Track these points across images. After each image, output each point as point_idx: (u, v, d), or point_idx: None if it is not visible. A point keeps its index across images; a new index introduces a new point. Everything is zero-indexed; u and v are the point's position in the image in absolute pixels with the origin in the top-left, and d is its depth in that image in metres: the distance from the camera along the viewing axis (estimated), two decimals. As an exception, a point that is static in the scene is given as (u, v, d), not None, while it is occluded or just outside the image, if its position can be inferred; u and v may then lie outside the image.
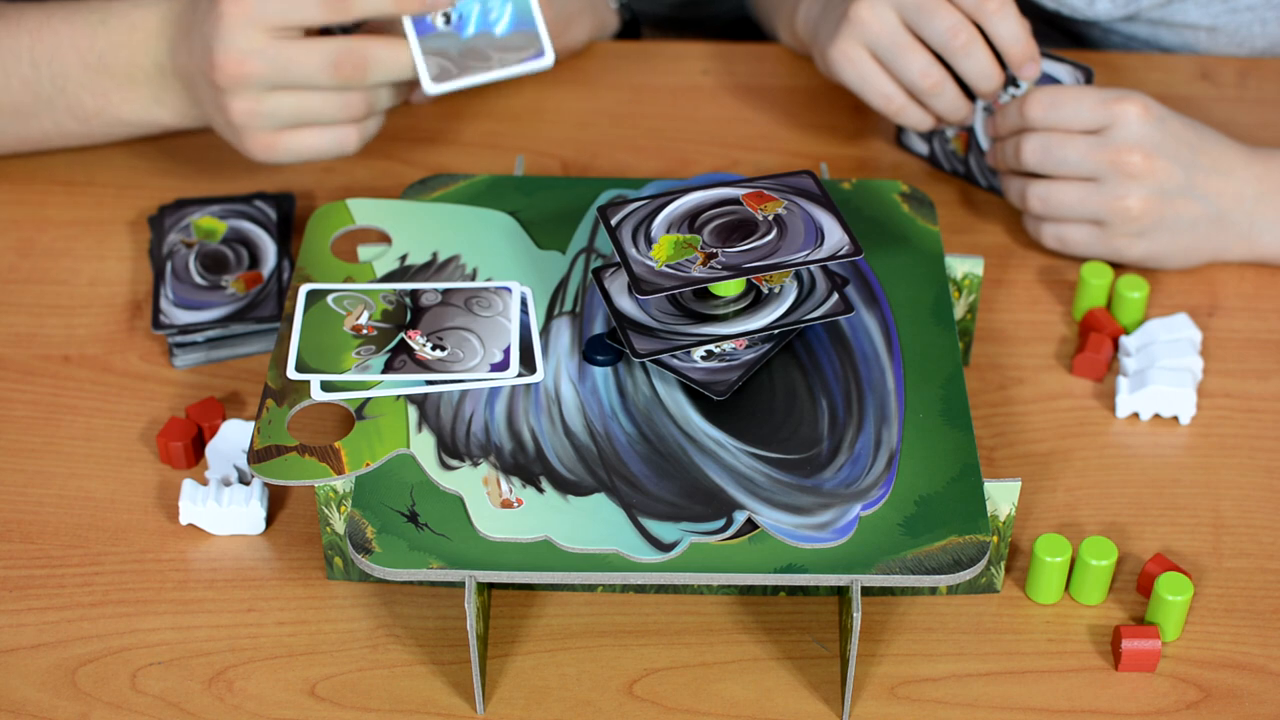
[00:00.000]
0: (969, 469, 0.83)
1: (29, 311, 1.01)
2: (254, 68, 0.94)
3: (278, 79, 0.95)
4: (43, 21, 1.02)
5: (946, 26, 1.02)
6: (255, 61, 0.94)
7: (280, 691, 0.81)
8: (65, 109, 1.03)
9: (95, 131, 1.06)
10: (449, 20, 0.96)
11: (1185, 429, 0.95)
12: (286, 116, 0.98)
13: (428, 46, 0.96)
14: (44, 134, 1.06)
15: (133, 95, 1.02)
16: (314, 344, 0.88)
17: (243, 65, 0.94)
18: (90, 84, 1.02)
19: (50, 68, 1.02)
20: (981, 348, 0.99)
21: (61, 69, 1.01)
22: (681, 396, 0.86)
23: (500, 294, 0.91)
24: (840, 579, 0.78)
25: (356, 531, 0.79)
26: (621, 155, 1.14)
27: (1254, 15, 1.20)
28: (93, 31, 1.01)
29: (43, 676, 0.82)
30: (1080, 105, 0.99)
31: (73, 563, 0.87)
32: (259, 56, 0.94)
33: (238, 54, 0.94)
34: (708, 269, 0.85)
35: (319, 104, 0.98)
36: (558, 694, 0.81)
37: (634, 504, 0.81)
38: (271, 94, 0.96)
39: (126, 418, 0.95)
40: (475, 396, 0.86)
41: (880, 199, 0.98)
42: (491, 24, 0.97)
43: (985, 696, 0.81)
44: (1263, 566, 0.88)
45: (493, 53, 0.97)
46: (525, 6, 0.98)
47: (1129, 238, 1.01)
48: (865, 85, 1.06)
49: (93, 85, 1.02)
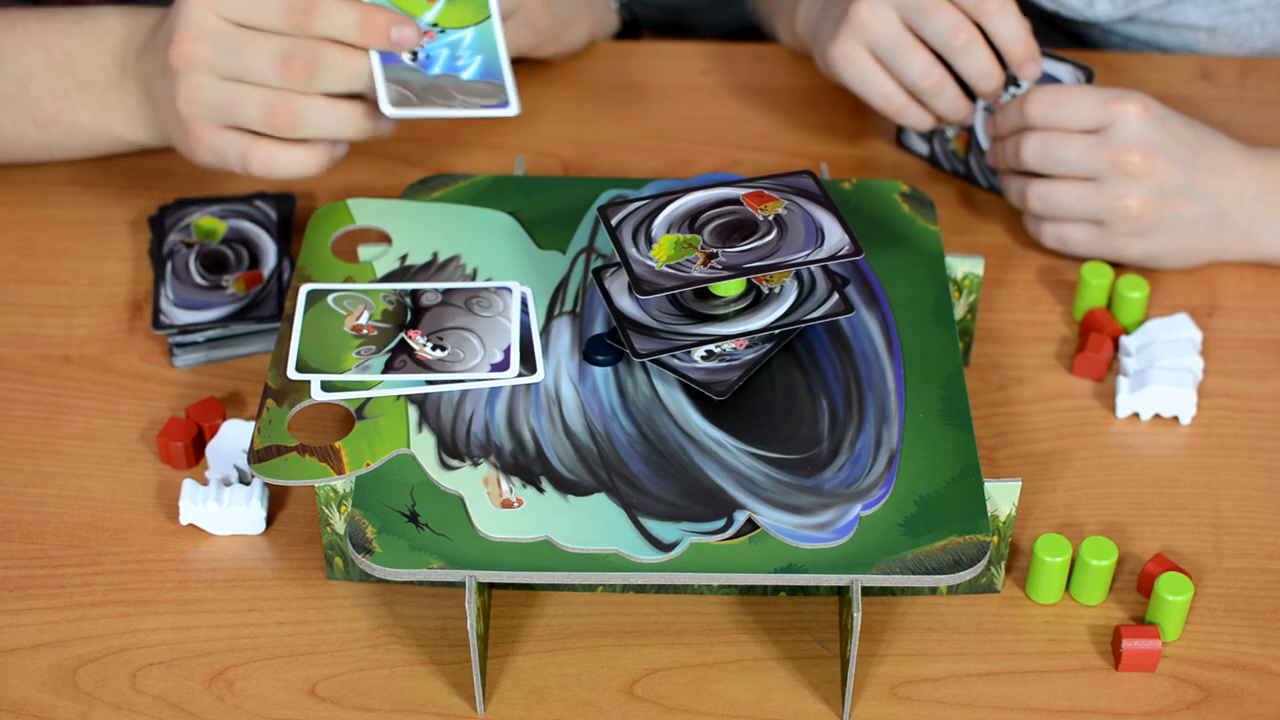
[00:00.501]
0: (969, 469, 0.83)
1: (29, 311, 1.01)
2: (205, 49, 0.92)
3: (227, 65, 0.93)
4: (16, 20, 1.02)
5: (947, 26, 1.02)
6: (208, 43, 0.92)
7: (281, 691, 0.81)
8: (25, 109, 1.02)
9: (52, 140, 1.04)
10: (415, 57, 0.95)
11: (1185, 429, 0.95)
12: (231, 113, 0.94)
13: (391, 75, 0.95)
14: (2, 138, 1.04)
15: (91, 97, 1.01)
16: (314, 344, 0.88)
17: (195, 44, 0.92)
18: (53, 83, 1.01)
19: (15, 65, 1.01)
20: (982, 348, 0.99)
21: (27, 67, 1.01)
22: (682, 396, 0.86)
23: (500, 294, 0.91)
24: (840, 579, 0.78)
25: (357, 531, 0.79)
26: (621, 155, 1.14)
27: (1254, 16, 1.20)
28: (65, 30, 1.01)
29: (43, 676, 0.82)
30: (1080, 105, 0.99)
31: (73, 563, 0.87)
32: (212, 38, 0.92)
33: (194, 32, 0.92)
34: (708, 269, 0.85)
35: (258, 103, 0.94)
36: (558, 694, 0.81)
37: (634, 504, 0.81)
38: (219, 82, 0.94)
39: (127, 418, 0.95)
40: (475, 396, 0.86)
41: (880, 199, 0.98)
42: (458, 69, 0.97)
43: (985, 696, 0.81)
44: (1263, 566, 0.88)
45: (456, 93, 0.96)
46: (494, 60, 0.97)
47: (1129, 237, 1.01)
48: (866, 85, 1.06)
49: (55, 84, 1.01)
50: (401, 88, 0.94)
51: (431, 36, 0.96)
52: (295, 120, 0.94)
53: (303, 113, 0.94)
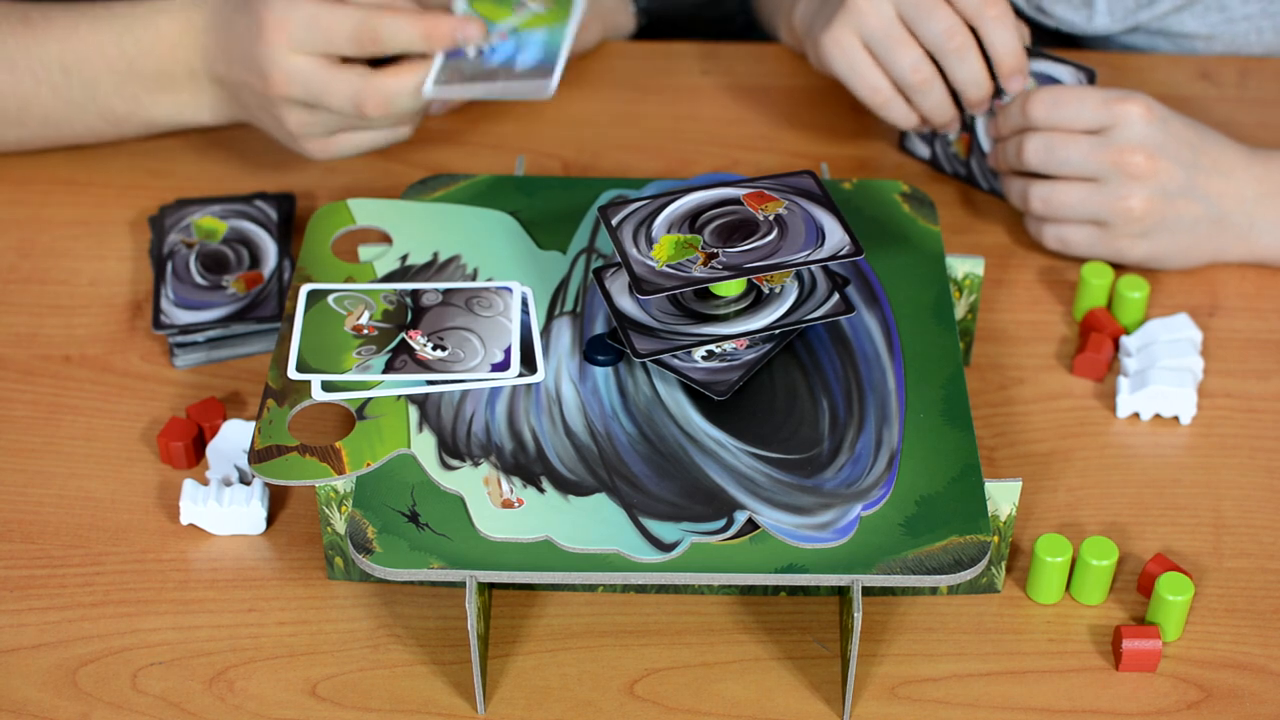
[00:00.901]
0: (970, 469, 0.83)
1: (29, 311, 1.01)
2: (297, 90, 0.99)
3: (318, 103, 1.00)
4: (70, 28, 1.04)
5: (943, 28, 1.02)
6: (297, 85, 0.99)
7: (281, 691, 0.81)
8: (97, 114, 1.06)
9: (128, 132, 1.08)
10: (480, 53, 1.00)
11: (1186, 429, 0.95)
12: (336, 125, 1.03)
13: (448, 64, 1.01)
14: (76, 136, 1.08)
15: (164, 99, 1.05)
16: (315, 344, 0.88)
17: (288, 86, 0.99)
18: (120, 89, 1.04)
19: (80, 74, 1.04)
20: (982, 348, 0.99)
21: (92, 75, 1.04)
22: (682, 396, 0.86)
23: (501, 294, 0.91)
24: (841, 579, 0.78)
25: (357, 531, 0.79)
26: (622, 155, 1.14)
27: (1250, 25, 1.20)
28: (119, 39, 1.03)
29: (44, 676, 0.82)
30: (1083, 105, 0.99)
31: (73, 563, 0.87)
32: (299, 81, 0.99)
33: (283, 74, 0.99)
34: (708, 269, 0.85)
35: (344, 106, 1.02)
36: (558, 694, 0.81)
37: (635, 504, 0.81)
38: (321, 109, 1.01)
39: (127, 418, 0.95)
40: (476, 396, 0.86)
41: (881, 199, 0.98)
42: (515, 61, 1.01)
43: (986, 696, 0.81)
44: (1263, 566, 0.88)
45: (500, 78, 1.02)
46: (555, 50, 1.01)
47: (1131, 238, 1.01)
48: (854, 75, 1.06)
49: (122, 91, 1.04)
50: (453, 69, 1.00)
51: (504, 37, 1.01)
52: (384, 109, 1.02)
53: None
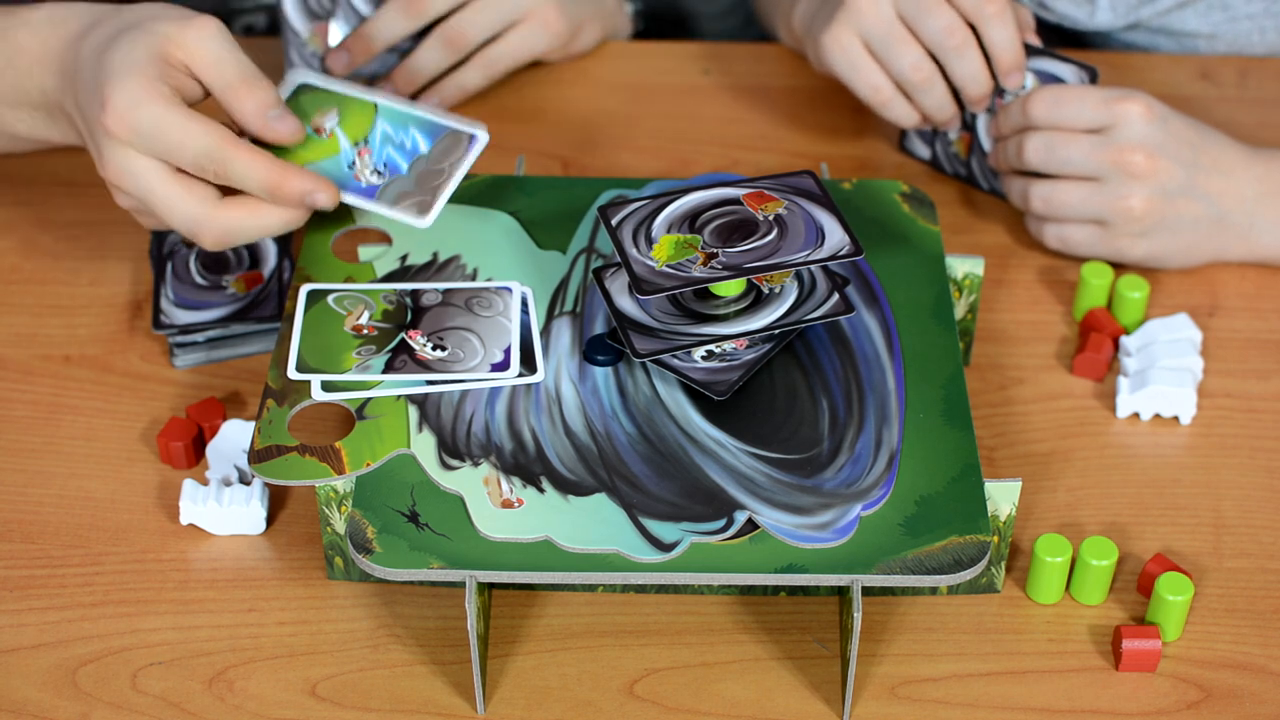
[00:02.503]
0: (969, 469, 0.83)
1: (29, 311, 1.01)
2: (129, 187, 0.90)
3: (150, 212, 0.92)
4: None
5: (943, 25, 1.02)
6: (128, 182, 0.90)
7: (281, 691, 0.81)
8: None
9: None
10: (380, 174, 0.94)
11: (1186, 429, 0.95)
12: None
13: (386, 199, 0.93)
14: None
15: (23, 115, 0.98)
16: (314, 344, 0.88)
17: (119, 179, 0.90)
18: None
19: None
20: (982, 348, 0.99)
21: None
22: (682, 396, 0.86)
23: (501, 294, 0.91)
24: (841, 579, 0.78)
25: (357, 531, 0.79)
26: (622, 155, 1.14)
27: (1253, 24, 1.20)
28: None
29: (43, 676, 0.82)
30: (1083, 104, 0.99)
31: (73, 563, 0.87)
32: (131, 183, 0.90)
33: (117, 168, 0.89)
34: (708, 269, 0.85)
35: None
36: (558, 694, 0.81)
37: (634, 504, 0.81)
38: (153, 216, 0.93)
39: (127, 418, 0.95)
40: (476, 396, 0.86)
41: (881, 199, 0.98)
42: (415, 150, 0.95)
43: (986, 696, 0.81)
44: (1263, 566, 0.88)
45: (442, 165, 0.95)
46: (426, 119, 0.96)
47: (1131, 238, 1.01)
48: (854, 74, 1.06)
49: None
50: (407, 198, 0.93)
51: (367, 153, 0.95)
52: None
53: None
